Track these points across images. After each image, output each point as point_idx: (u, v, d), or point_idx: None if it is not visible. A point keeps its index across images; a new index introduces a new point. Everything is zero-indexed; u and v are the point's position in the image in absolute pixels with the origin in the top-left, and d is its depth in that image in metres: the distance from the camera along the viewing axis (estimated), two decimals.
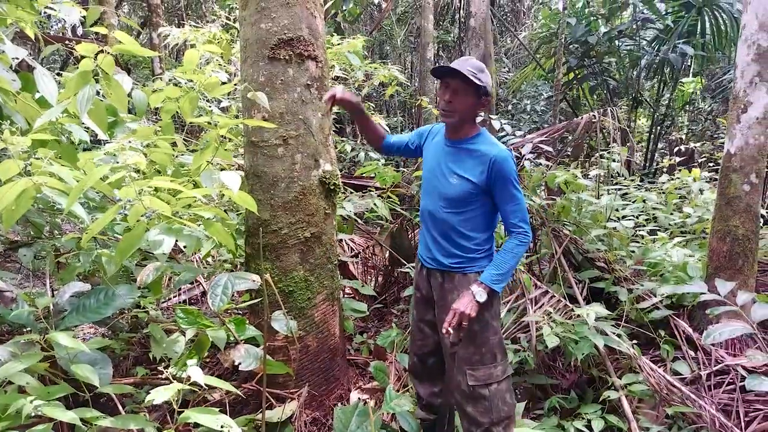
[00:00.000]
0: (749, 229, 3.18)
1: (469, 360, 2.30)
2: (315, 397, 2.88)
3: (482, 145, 2.26)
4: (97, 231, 1.88)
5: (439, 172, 2.34)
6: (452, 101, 2.22)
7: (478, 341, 2.30)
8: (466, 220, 2.30)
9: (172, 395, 1.65)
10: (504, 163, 2.19)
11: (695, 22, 8.67)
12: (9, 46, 2.32)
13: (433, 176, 2.38)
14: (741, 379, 2.90)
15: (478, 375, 2.28)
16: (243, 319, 2.52)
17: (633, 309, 3.42)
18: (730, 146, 3.23)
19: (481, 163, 2.22)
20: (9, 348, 1.91)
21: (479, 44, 7.30)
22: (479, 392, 2.28)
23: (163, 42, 5.40)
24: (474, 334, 2.29)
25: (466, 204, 2.28)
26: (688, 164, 8.13)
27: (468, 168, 2.24)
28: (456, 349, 2.32)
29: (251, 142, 2.76)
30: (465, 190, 2.25)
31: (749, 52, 3.11)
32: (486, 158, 2.21)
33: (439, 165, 2.35)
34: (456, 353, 2.33)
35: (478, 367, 2.28)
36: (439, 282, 2.39)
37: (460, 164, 2.27)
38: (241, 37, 2.80)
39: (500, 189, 2.22)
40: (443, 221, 2.33)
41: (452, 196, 2.28)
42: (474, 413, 2.29)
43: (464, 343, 2.30)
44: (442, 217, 2.33)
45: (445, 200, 2.31)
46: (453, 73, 2.16)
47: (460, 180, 2.25)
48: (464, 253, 2.32)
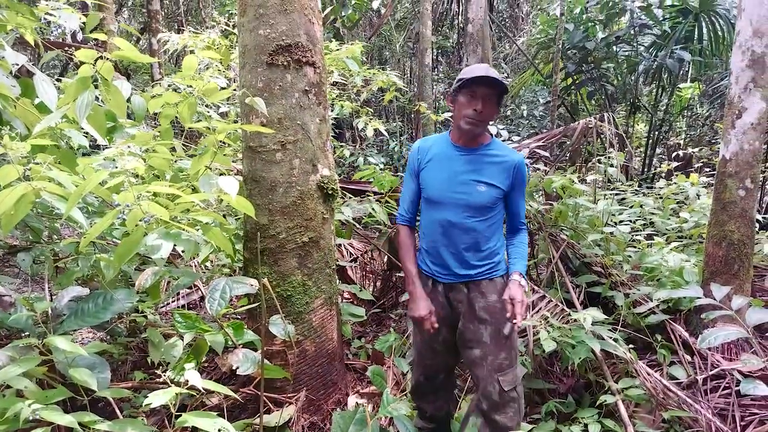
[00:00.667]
0: (745, 234, 3.20)
1: (500, 366, 2.28)
2: (313, 401, 2.88)
3: (500, 151, 2.31)
4: (96, 235, 1.89)
5: (460, 182, 2.28)
6: (483, 110, 2.19)
7: (508, 345, 2.31)
8: (490, 226, 2.32)
9: (169, 399, 1.65)
10: (524, 167, 2.30)
11: (692, 28, 8.72)
12: (9, 52, 2.34)
13: (450, 188, 2.29)
14: (737, 384, 2.91)
15: (509, 379, 2.28)
16: (241, 324, 2.53)
17: (630, 313, 3.43)
18: (725, 151, 3.25)
19: (504, 169, 2.27)
20: (7, 352, 1.92)
21: (477, 50, 7.34)
22: (511, 396, 2.29)
23: (163, 48, 5.43)
24: (505, 339, 2.30)
25: (491, 210, 2.30)
26: (686, 169, 8.16)
27: (493, 175, 2.26)
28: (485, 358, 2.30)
29: (249, 148, 2.78)
30: (492, 196, 2.26)
31: (743, 58, 3.14)
32: (509, 164, 2.27)
33: (457, 175, 2.29)
34: (485, 362, 2.29)
35: (507, 371, 2.29)
36: (465, 293, 2.35)
37: (483, 172, 2.26)
38: (240, 44, 2.82)
39: (518, 191, 2.34)
40: (469, 231, 2.28)
41: (480, 204, 2.26)
42: (504, 420, 2.28)
43: (495, 349, 2.29)
44: (468, 227, 2.28)
45: (471, 209, 2.27)
46: (485, 82, 2.15)
47: (488, 187, 2.25)
48: (489, 258, 2.33)
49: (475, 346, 2.32)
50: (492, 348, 2.29)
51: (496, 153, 2.30)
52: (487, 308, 2.31)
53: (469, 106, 2.19)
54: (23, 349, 1.99)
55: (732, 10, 8.00)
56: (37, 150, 2.18)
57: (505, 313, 2.26)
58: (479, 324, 2.31)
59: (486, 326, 2.30)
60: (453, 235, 2.30)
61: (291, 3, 2.69)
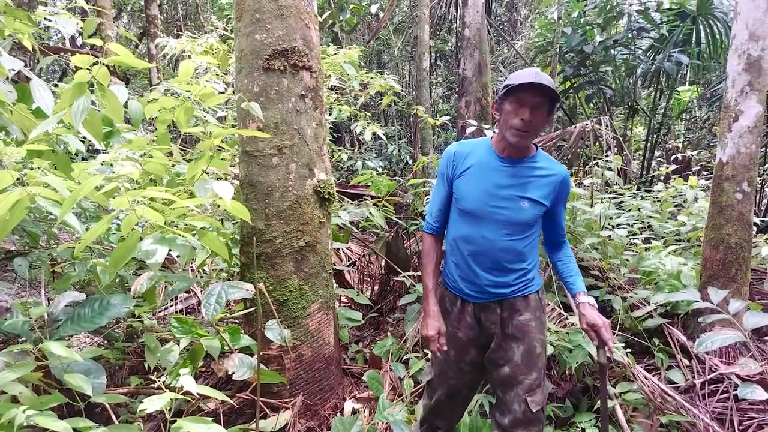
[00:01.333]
0: (742, 237, 3.20)
1: (530, 387, 2.14)
2: (309, 406, 2.88)
3: (546, 164, 2.12)
4: (91, 240, 1.89)
5: (502, 197, 2.08)
6: (532, 120, 1.97)
7: (539, 364, 2.17)
8: (528, 244, 2.15)
9: (165, 405, 1.65)
10: (569, 180, 2.15)
11: (690, 31, 8.74)
12: (6, 58, 2.34)
13: (491, 202, 2.09)
14: (735, 388, 2.91)
15: (537, 399, 2.14)
16: (237, 329, 2.53)
17: (627, 317, 3.43)
18: (722, 155, 3.25)
19: (549, 183, 2.09)
20: (2, 357, 1.91)
21: (474, 54, 7.36)
22: (538, 416, 2.15)
23: (161, 52, 5.44)
24: (537, 358, 2.16)
25: (532, 227, 2.14)
26: (685, 172, 8.16)
27: (537, 190, 2.08)
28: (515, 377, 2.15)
29: (246, 152, 2.78)
30: (535, 213, 2.10)
31: (740, 62, 3.14)
32: (554, 178, 2.09)
33: (498, 189, 2.09)
34: (515, 381, 2.15)
35: (536, 391, 2.15)
36: (498, 313, 2.19)
37: (528, 187, 2.08)
38: (236, 48, 2.82)
39: (561, 206, 2.19)
40: (506, 249, 2.11)
41: (522, 222, 2.09)
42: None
43: (526, 369, 2.14)
44: (506, 245, 2.11)
45: (512, 227, 2.09)
46: (534, 88, 1.93)
47: (532, 204, 2.08)
48: (523, 276, 2.17)
49: (506, 366, 2.17)
50: (523, 368, 2.14)
51: (542, 166, 2.10)
52: (520, 326, 2.16)
53: (516, 116, 1.98)
54: (18, 355, 1.98)
55: (729, 13, 8.02)
56: (33, 155, 2.18)
57: (537, 332, 2.16)
58: (511, 342, 2.16)
59: (518, 345, 2.15)
60: (488, 252, 2.12)
61: (287, 8, 2.70)
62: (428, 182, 4.34)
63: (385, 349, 3.45)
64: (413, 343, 3.61)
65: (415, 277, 3.98)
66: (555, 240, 2.30)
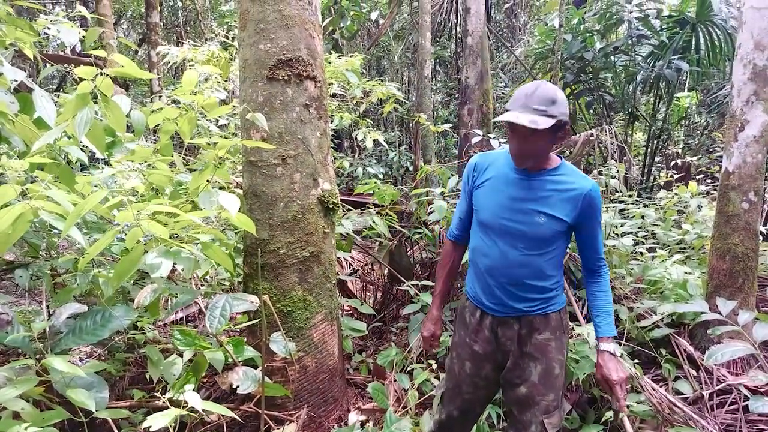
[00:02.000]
0: (749, 247, 3.18)
1: (547, 408, 2.06)
2: (314, 418, 2.84)
3: (569, 177, 2.00)
4: (95, 254, 1.87)
5: (517, 210, 2.02)
6: (523, 148, 1.93)
7: (557, 385, 2.09)
8: (547, 261, 2.04)
9: (169, 421, 1.62)
10: (598, 197, 1.99)
11: (690, 38, 8.75)
12: (7, 68, 2.32)
13: (506, 215, 2.04)
14: (744, 399, 2.88)
15: (554, 422, 2.07)
16: (241, 341, 2.50)
17: (633, 327, 3.40)
18: (728, 164, 3.23)
19: (571, 198, 1.97)
20: (4, 373, 1.88)
21: (476, 62, 7.35)
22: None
23: (162, 61, 5.43)
24: (555, 379, 2.09)
25: (551, 243, 2.02)
26: (685, 178, 8.16)
27: (556, 205, 1.97)
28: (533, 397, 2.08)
29: (250, 162, 2.76)
30: (553, 229, 1.98)
31: (745, 71, 3.13)
32: (577, 193, 1.96)
33: (514, 201, 2.02)
34: (533, 402, 2.07)
35: (554, 413, 2.08)
36: (516, 329, 2.11)
37: (545, 201, 1.98)
38: (240, 58, 2.80)
39: (590, 224, 2.03)
40: (522, 265, 2.04)
41: (538, 237, 2.00)
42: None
43: (544, 389, 2.07)
44: (521, 261, 2.03)
45: (528, 241, 2.01)
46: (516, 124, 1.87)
47: (549, 219, 1.97)
48: (543, 294, 2.08)
49: (523, 385, 2.09)
50: (540, 388, 2.06)
51: (563, 180, 1.99)
52: (538, 346, 2.09)
53: (510, 142, 1.97)
54: (20, 370, 1.95)
55: (729, 20, 8.03)
56: (36, 167, 2.16)
57: (557, 352, 2.09)
58: (529, 362, 2.09)
59: (536, 364, 2.08)
60: (505, 266, 2.06)
61: (291, 18, 2.68)
62: (431, 191, 4.31)
63: (389, 359, 3.42)
64: (417, 353, 3.58)
65: (419, 286, 3.95)
66: (589, 266, 2.15)
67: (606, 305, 2.07)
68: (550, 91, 1.85)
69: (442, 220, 4.04)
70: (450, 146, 13.50)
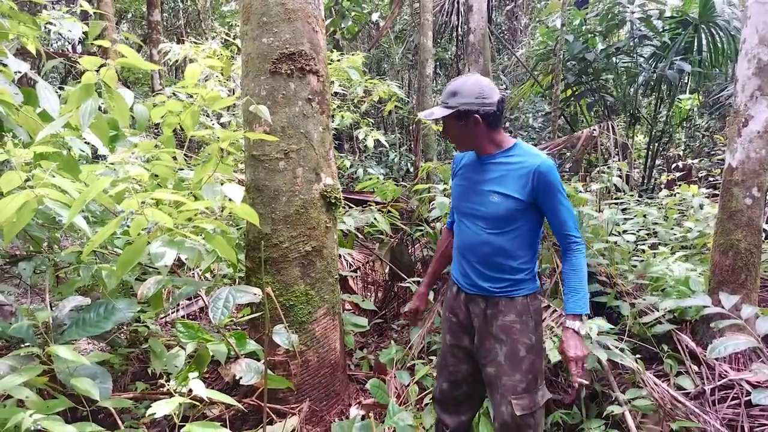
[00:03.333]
0: (752, 243, 3.17)
1: (514, 389, 2.15)
2: (316, 412, 2.84)
3: (521, 156, 2.11)
4: (99, 243, 1.87)
5: (475, 192, 2.19)
6: (448, 136, 2.22)
7: (524, 367, 2.16)
8: (511, 240, 2.15)
9: (173, 409, 1.62)
10: (549, 172, 2.05)
11: (692, 39, 8.76)
12: (11, 60, 2.33)
13: (467, 197, 2.24)
14: (746, 394, 2.88)
15: (523, 404, 2.14)
16: (243, 334, 2.50)
17: (635, 323, 3.40)
18: (731, 160, 3.23)
19: (522, 175, 2.07)
20: (8, 361, 1.88)
21: (479, 60, 7.36)
22: (526, 421, 2.15)
23: (163, 59, 5.44)
24: (521, 360, 2.16)
25: (510, 222, 2.13)
26: (686, 180, 8.16)
27: (509, 183, 2.09)
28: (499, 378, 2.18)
29: (252, 156, 2.76)
30: (508, 207, 2.10)
31: (750, 66, 3.13)
32: (527, 170, 2.06)
33: (474, 185, 2.20)
34: (500, 382, 2.18)
35: (524, 395, 2.15)
36: (482, 308, 2.24)
37: (499, 181, 2.12)
38: (243, 52, 2.81)
39: (548, 200, 2.09)
40: (484, 244, 2.18)
41: (494, 216, 2.13)
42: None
43: (510, 370, 2.16)
44: (484, 240, 2.18)
45: (486, 221, 2.16)
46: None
47: (503, 198, 2.10)
48: (509, 275, 2.18)
49: (490, 365, 2.22)
50: (507, 369, 2.17)
51: (514, 160, 2.11)
52: (503, 328, 2.19)
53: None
54: (24, 359, 1.96)
55: (732, 21, 8.04)
56: (40, 158, 2.16)
57: (522, 335, 2.17)
58: (495, 343, 2.20)
59: (502, 346, 2.18)
60: (471, 247, 2.23)
61: (294, 11, 2.69)
62: (433, 188, 4.31)
63: (390, 357, 3.42)
64: (418, 350, 3.58)
65: (420, 283, 3.95)
66: (560, 243, 2.20)
67: (575, 283, 2.13)
68: (457, 84, 2.09)
69: (443, 217, 4.04)
70: (451, 148, 13.52)
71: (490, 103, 2.08)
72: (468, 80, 2.09)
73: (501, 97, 2.12)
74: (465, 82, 2.08)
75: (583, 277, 2.13)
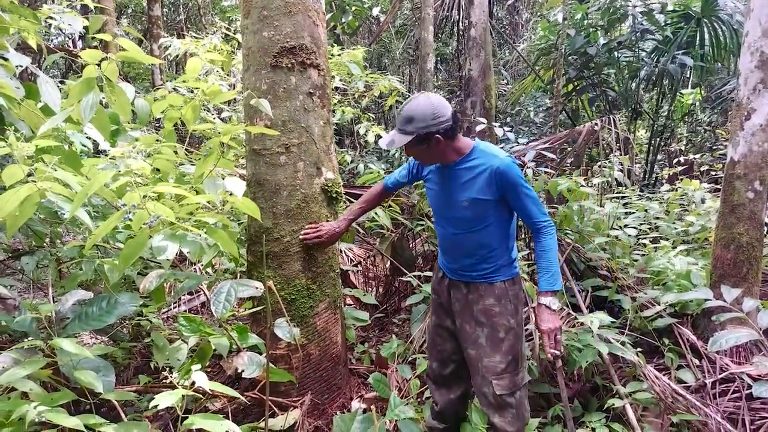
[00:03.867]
0: (753, 236, 3.17)
1: (494, 369, 2.30)
2: (317, 405, 2.85)
3: (480, 159, 2.22)
4: (101, 236, 1.87)
5: (449, 199, 2.32)
6: (412, 156, 2.31)
7: (504, 348, 2.31)
8: (487, 235, 2.30)
9: (176, 401, 1.63)
10: (508, 171, 2.16)
11: (694, 33, 8.73)
12: (12, 54, 2.33)
13: (442, 204, 2.38)
14: (747, 387, 2.88)
15: (504, 384, 2.28)
16: (245, 327, 2.51)
17: (637, 317, 3.40)
18: (733, 153, 3.23)
19: (485, 178, 2.19)
20: (12, 354, 1.89)
21: (480, 54, 7.34)
22: (506, 401, 2.29)
23: (164, 54, 5.43)
24: (500, 342, 2.31)
25: (483, 220, 2.27)
26: (688, 175, 8.14)
27: (476, 187, 2.21)
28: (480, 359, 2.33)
29: (253, 151, 2.76)
30: (479, 209, 2.24)
31: (752, 59, 3.11)
32: (488, 172, 2.18)
33: (446, 192, 2.33)
34: (481, 364, 2.33)
35: (503, 375, 2.29)
36: (464, 293, 2.41)
37: (467, 186, 2.24)
38: (244, 46, 2.81)
39: (513, 196, 2.21)
40: (462, 241, 2.34)
41: (468, 219, 2.28)
42: (502, 423, 2.30)
43: (491, 351, 2.31)
44: (460, 239, 2.34)
45: (461, 224, 2.32)
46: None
47: (472, 202, 2.23)
48: (489, 264, 2.34)
49: (471, 347, 2.38)
50: (487, 350, 2.32)
51: (475, 164, 2.23)
52: (484, 311, 2.34)
53: None
54: (28, 352, 1.96)
55: (735, 15, 8.01)
56: (42, 152, 2.17)
57: (501, 317, 2.31)
58: (476, 326, 2.36)
59: (483, 329, 2.34)
60: (451, 244, 2.41)
61: (295, 5, 2.68)
62: None
63: (391, 351, 3.43)
64: (420, 344, 3.59)
65: (421, 278, 3.96)
66: (532, 230, 2.33)
67: (546, 263, 2.26)
68: (410, 110, 2.13)
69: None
70: None
71: (445, 119, 2.14)
72: (419, 103, 2.13)
73: (453, 109, 2.19)
74: (417, 106, 2.12)
75: (553, 257, 2.26)
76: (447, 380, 2.60)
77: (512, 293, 2.37)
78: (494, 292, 2.33)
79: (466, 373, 2.55)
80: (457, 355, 2.54)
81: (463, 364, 2.53)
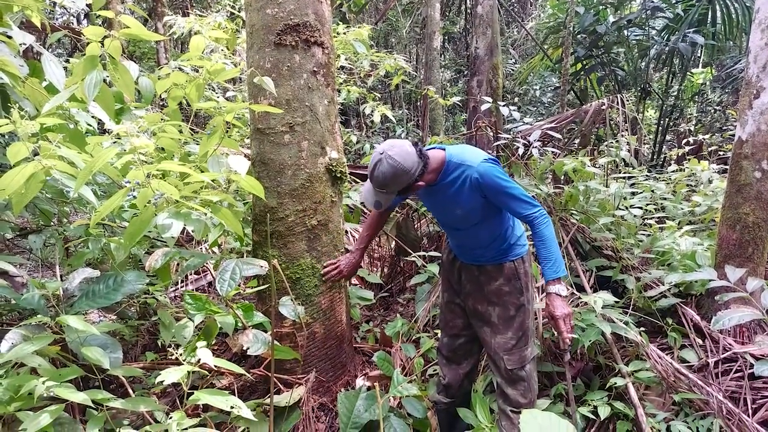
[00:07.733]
0: (760, 216, 3.14)
1: (505, 346, 2.42)
2: (322, 382, 2.89)
3: (456, 171, 2.26)
4: (106, 213, 1.88)
5: (443, 210, 2.44)
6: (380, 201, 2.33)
7: (515, 325, 2.43)
8: (488, 227, 2.39)
9: (182, 376, 1.65)
10: (485, 175, 2.20)
11: (706, 11, 8.57)
12: (16, 32, 2.32)
13: (439, 212, 2.51)
14: (749, 367, 2.89)
15: (514, 359, 2.41)
16: (251, 306, 2.53)
17: (640, 297, 3.41)
18: (741, 132, 3.19)
19: (466, 188, 2.25)
20: (21, 330, 1.92)
21: (486, 32, 7.26)
22: (518, 374, 2.42)
23: (168, 32, 5.40)
24: (511, 319, 2.43)
25: (481, 218, 2.35)
26: (696, 156, 8.06)
27: (463, 198, 2.28)
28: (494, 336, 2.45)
29: (258, 130, 2.76)
30: (472, 211, 2.32)
31: (763, 37, 3.05)
32: (468, 182, 2.23)
33: (439, 205, 2.44)
34: (493, 341, 2.45)
35: (514, 351, 2.42)
36: (475, 275, 2.50)
37: (453, 198, 2.31)
38: (247, 23, 2.79)
39: (496, 197, 2.26)
40: (468, 236, 2.44)
41: (467, 219, 2.36)
42: (515, 395, 2.43)
43: (503, 328, 2.43)
44: (466, 235, 2.44)
45: (461, 224, 2.40)
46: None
47: (463, 209, 2.32)
48: (497, 247, 2.44)
49: (485, 326, 2.49)
50: (500, 327, 2.44)
51: (453, 177, 2.27)
52: (494, 291, 2.45)
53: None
54: (36, 328, 1.99)
55: None
56: (46, 130, 2.17)
57: (511, 296, 2.43)
58: (488, 306, 2.47)
59: (495, 307, 2.45)
60: (458, 237, 2.51)
61: None
62: None
63: (396, 330, 3.45)
64: (424, 323, 3.61)
65: (426, 258, 3.97)
66: (523, 222, 2.40)
67: (546, 252, 2.27)
68: (381, 176, 2.11)
69: None
70: (459, 124, 13.40)
71: (414, 168, 2.14)
72: (385, 171, 2.10)
73: (415, 149, 2.16)
74: (385, 175, 2.10)
75: (551, 245, 2.27)
76: (457, 355, 2.68)
77: (522, 271, 2.46)
78: (503, 273, 2.44)
79: (476, 347, 2.68)
80: (467, 329, 2.63)
81: (473, 339, 2.64)
